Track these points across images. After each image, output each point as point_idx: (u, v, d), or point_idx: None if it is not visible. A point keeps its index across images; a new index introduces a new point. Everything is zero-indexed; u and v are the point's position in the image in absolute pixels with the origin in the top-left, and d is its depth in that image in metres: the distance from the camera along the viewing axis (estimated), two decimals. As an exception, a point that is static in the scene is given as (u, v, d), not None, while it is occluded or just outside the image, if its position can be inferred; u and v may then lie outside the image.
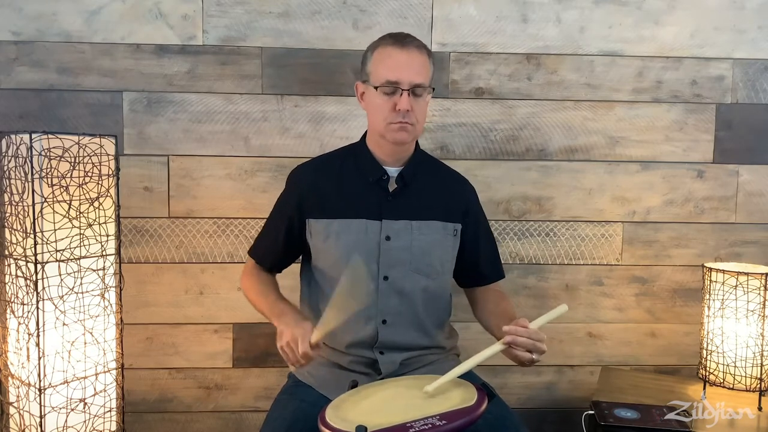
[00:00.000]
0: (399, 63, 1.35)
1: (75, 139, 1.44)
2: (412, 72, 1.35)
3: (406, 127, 1.37)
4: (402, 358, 1.42)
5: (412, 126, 1.37)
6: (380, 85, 1.35)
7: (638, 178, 1.94)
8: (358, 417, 1.08)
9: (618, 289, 1.97)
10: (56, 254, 1.43)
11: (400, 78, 1.34)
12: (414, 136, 1.41)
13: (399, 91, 1.34)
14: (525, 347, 1.20)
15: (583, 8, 1.88)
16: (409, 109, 1.35)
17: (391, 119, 1.36)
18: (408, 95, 1.34)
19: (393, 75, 1.34)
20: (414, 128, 1.38)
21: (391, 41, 1.37)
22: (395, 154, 1.44)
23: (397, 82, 1.34)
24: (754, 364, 1.69)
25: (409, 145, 1.45)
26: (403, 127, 1.36)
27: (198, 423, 1.91)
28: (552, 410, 1.99)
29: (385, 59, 1.36)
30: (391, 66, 1.35)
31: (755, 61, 1.92)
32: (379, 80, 1.36)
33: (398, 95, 1.35)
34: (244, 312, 1.87)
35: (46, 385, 1.43)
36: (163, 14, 1.79)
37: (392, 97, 1.35)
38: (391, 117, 1.36)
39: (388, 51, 1.37)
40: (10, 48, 1.77)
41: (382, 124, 1.38)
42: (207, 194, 1.85)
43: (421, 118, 1.39)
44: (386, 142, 1.41)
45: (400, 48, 1.36)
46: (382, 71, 1.36)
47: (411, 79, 1.34)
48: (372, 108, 1.40)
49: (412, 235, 1.42)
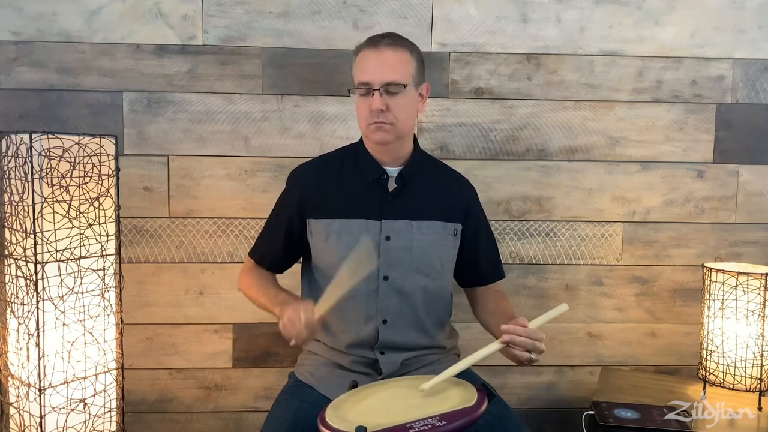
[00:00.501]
0: (370, 63, 1.37)
1: (75, 139, 1.44)
2: (382, 71, 1.35)
3: (383, 126, 1.37)
4: (402, 358, 1.42)
5: (390, 125, 1.37)
6: (356, 87, 1.38)
7: (638, 178, 1.94)
8: (358, 417, 1.08)
9: (618, 289, 1.97)
10: (56, 254, 1.42)
11: (370, 78, 1.35)
12: (396, 135, 1.39)
13: (371, 91, 1.36)
14: (523, 347, 1.20)
15: (583, 8, 1.88)
16: (383, 109, 1.35)
17: (369, 120, 1.37)
18: (380, 94, 1.35)
19: (364, 76, 1.36)
20: (394, 127, 1.38)
21: (366, 43, 1.40)
22: (390, 154, 1.44)
23: (368, 83, 1.36)
24: (754, 364, 1.69)
25: (405, 144, 1.45)
26: (380, 126, 1.37)
27: (198, 423, 1.91)
28: (552, 410, 1.99)
29: (360, 62, 1.39)
30: (363, 67, 1.37)
31: (755, 61, 1.92)
32: (355, 82, 1.39)
33: (371, 95, 1.36)
34: (244, 312, 1.87)
35: (46, 386, 1.43)
36: (163, 14, 1.79)
37: (368, 98, 1.37)
38: (369, 118, 1.37)
39: (362, 53, 1.39)
40: (10, 48, 1.77)
41: (363, 125, 1.40)
42: (207, 194, 1.85)
43: (402, 116, 1.38)
44: (371, 143, 1.43)
45: (372, 48, 1.37)
46: (357, 73, 1.39)
47: (382, 78, 1.35)
48: (357, 110, 1.42)
49: (412, 235, 1.42)
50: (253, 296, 1.49)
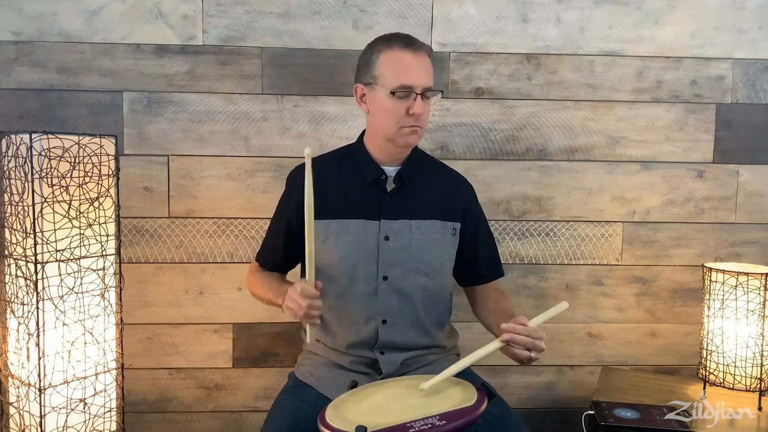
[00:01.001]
0: (412, 67, 1.35)
1: (75, 139, 1.44)
2: (425, 76, 1.36)
3: (417, 130, 1.38)
4: (402, 358, 1.42)
5: (421, 129, 1.39)
6: (395, 90, 1.34)
7: (638, 178, 1.94)
8: (358, 417, 1.08)
9: (618, 289, 1.97)
10: (56, 254, 1.43)
11: (414, 82, 1.34)
12: (421, 137, 1.43)
13: (412, 95, 1.34)
14: (523, 345, 1.21)
15: (583, 8, 1.88)
16: (422, 113, 1.36)
17: (404, 123, 1.36)
18: (422, 99, 1.35)
19: (407, 79, 1.34)
20: (422, 131, 1.40)
21: (400, 44, 1.36)
22: (395, 155, 1.44)
23: (411, 87, 1.34)
24: (754, 364, 1.69)
25: None
26: (415, 130, 1.38)
27: (198, 423, 1.91)
28: (552, 410, 1.99)
29: (397, 63, 1.35)
30: (404, 70, 1.35)
31: (755, 61, 1.92)
32: (393, 84, 1.35)
33: (411, 99, 1.35)
34: (244, 312, 1.87)
35: (46, 385, 1.43)
36: (163, 14, 1.79)
37: (405, 101, 1.35)
38: (404, 121, 1.36)
39: (398, 54, 1.36)
40: (10, 48, 1.77)
41: (393, 128, 1.37)
42: (207, 194, 1.85)
43: (427, 120, 1.42)
44: (392, 145, 1.41)
45: (412, 52, 1.36)
46: (396, 75, 1.35)
47: (423, 83, 1.36)
48: (381, 112, 1.39)
49: (411, 235, 1.42)
50: (259, 293, 1.50)
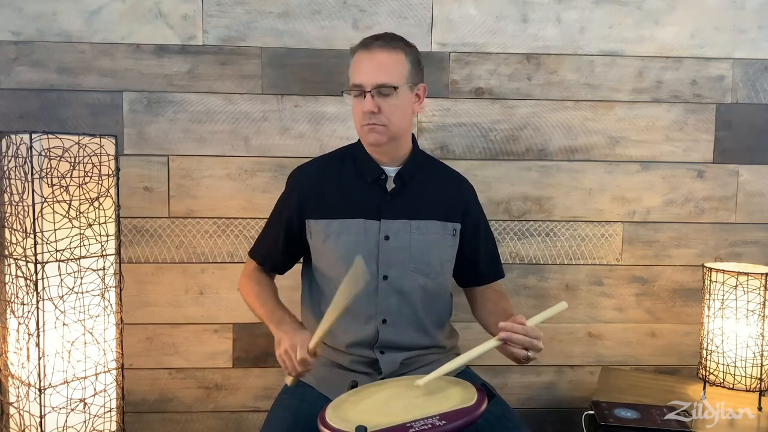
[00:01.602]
0: (362, 65, 1.37)
1: (75, 139, 1.44)
2: (374, 73, 1.35)
3: (375, 128, 1.37)
4: (402, 357, 1.42)
5: (383, 127, 1.37)
6: (349, 89, 1.39)
7: (638, 178, 1.94)
8: (358, 417, 1.08)
9: (618, 289, 1.97)
10: (56, 254, 1.43)
11: (362, 80, 1.36)
12: (389, 136, 1.39)
13: (362, 93, 1.36)
14: (521, 344, 1.20)
15: (583, 8, 1.88)
16: (375, 111, 1.35)
17: (363, 122, 1.38)
18: (372, 96, 1.35)
19: (357, 78, 1.37)
20: (387, 129, 1.38)
21: (359, 44, 1.40)
22: (388, 155, 1.44)
23: (360, 85, 1.36)
24: (754, 364, 1.69)
25: (402, 144, 1.45)
26: (372, 128, 1.37)
27: (198, 423, 1.91)
28: (552, 410, 1.99)
29: (354, 63, 1.40)
30: (356, 69, 1.38)
31: (755, 61, 1.92)
32: (349, 84, 1.39)
33: (362, 97, 1.36)
34: (244, 312, 1.87)
35: (46, 385, 1.43)
36: (163, 14, 1.79)
37: (361, 99, 1.37)
38: (363, 119, 1.38)
39: (356, 55, 1.40)
40: (10, 48, 1.77)
41: (357, 127, 1.41)
42: (207, 194, 1.85)
43: (394, 117, 1.38)
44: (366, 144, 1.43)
45: (365, 50, 1.38)
46: (351, 75, 1.40)
47: (373, 80, 1.35)
48: (352, 111, 1.43)
49: (411, 235, 1.42)
50: (251, 303, 1.48)
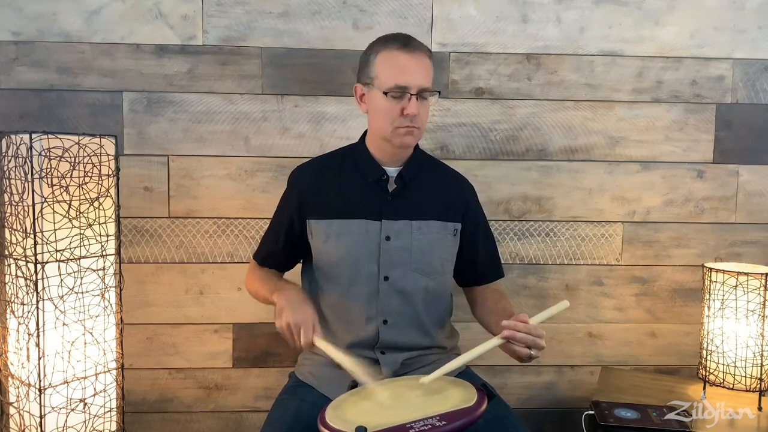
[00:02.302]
0: (407, 67, 1.34)
1: (75, 139, 1.44)
2: (419, 76, 1.35)
3: (413, 131, 1.37)
4: (403, 358, 1.42)
5: (418, 129, 1.38)
6: (389, 90, 1.34)
7: (638, 178, 1.94)
8: (358, 417, 1.08)
9: (618, 289, 1.97)
10: (56, 254, 1.42)
11: (409, 82, 1.34)
12: (418, 138, 1.42)
13: (407, 95, 1.34)
14: (524, 343, 1.20)
15: (583, 8, 1.88)
16: (417, 114, 1.35)
17: (399, 123, 1.36)
18: (416, 99, 1.34)
19: (402, 79, 1.34)
20: (419, 132, 1.39)
21: (397, 44, 1.36)
22: (396, 156, 1.44)
23: (406, 87, 1.34)
24: (754, 364, 1.69)
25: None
26: (410, 131, 1.37)
27: (198, 423, 1.91)
28: (552, 410, 1.99)
29: (393, 63, 1.35)
30: (399, 70, 1.34)
31: (755, 61, 1.92)
32: (387, 85, 1.35)
33: (406, 99, 1.34)
34: (244, 312, 1.87)
35: (46, 385, 1.43)
36: (163, 14, 1.79)
37: (400, 101, 1.34)
38: (399, 121, 1.36)
39: (394, 55, 1.35)
40: (10, 48, 1.77)
41: (388, 128, 1.37)
42: (207, 194, 1.85)
43: (425, 121, 1.40)
44: (390, 146, 1.41)
45: (408, 52, 1.35)
46: (391, 76, 1.35)
47: (419, 83, 1.34)
48: (377, 112, 1.39)
49: (412, 235, 1.42)
50: (256, 290, 1.50)
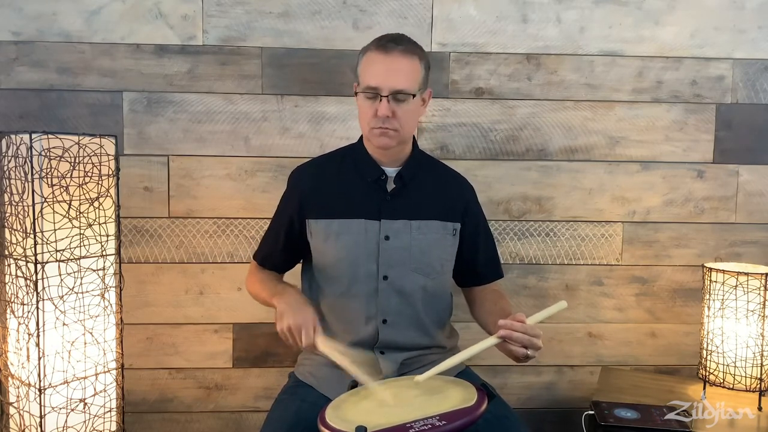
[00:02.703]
0: (380, 69, 1.35)
1: (75, 139, 1.44)
2: (392, 78, 1.34)
3: (387, 132, 1.37)
4: (402, 357, 1.42)
5: (394, 131, 1.37)
6: (362, 91, 1.37)
7: (638, 178, 1.94)
8: (358, 417, 1.08)
9: (618, 289, 1.97)
10: (56, 254, 1.42)
11: (379, 84, 1.34)
12: (399, 140, 1.40)
13: (379, 96, 1.35)
14: (520, 342, 1.20)
15: (583, 8, 1.88)
16: (389, 115, 1.34)
17: (373, 124, 1.37)
18: (388, 101, 1.34)
19: (373, 81, 1.35)
20: (398, 133, 1.38)
21: (375, 45, 1.38)
22: (390, 156, 1.44)
23: (377, 88, 1.35)
24: (754, 364, 1.69)
25: (405, 146, 1.45)
26: (384, 132, 1.37)
27: (198, 423, 1.91)
28: (552, 410, 1.99)
29: (369, 64, 1.37)
30: (372, 72, 1.36)
31: (755, 61, 1.92)
32: (362, 85, 1.38)
33: (378, 101, 1.35)
34: (244, 312, 1.87)
35: (46, 385, 1.43)
36: (163, 14, 1.79)
37: (374, 102, 1.36)
38: (373, 122, 1.37)
39: (372, 56, 1.37)
40: (10, 48, 1.77)
41: (366, 128, 1.40)
42: (207, 194, 1.85)
43: (406, 123, 1.38)
44: (372, 146, 1.43)
45: (382, 53, 1.36)
46: (365, 76, 1.37)
47: (391, 85, 1.34)
48: (359, 111, 1.42)
49: (411, 235, 1.42)
50: (257, 291, 1.50)
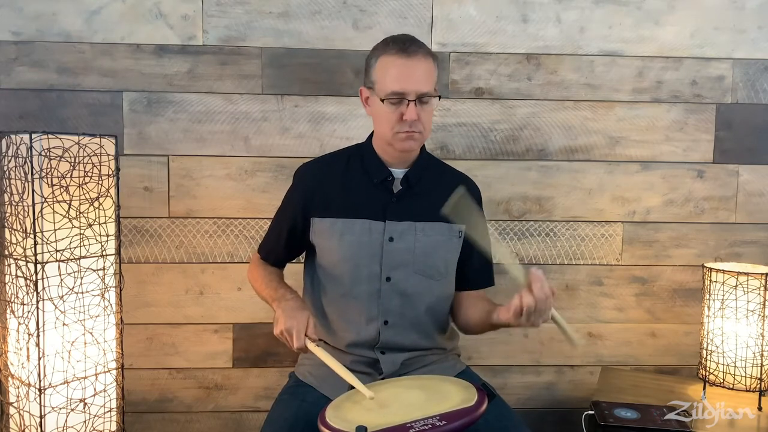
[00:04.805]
0: (404, 73, 1.32)
1: (75, 139, 1.44)
2: (417, 81, 1.33)
3: (414, 135, 1.36)
4: (403, 358, 1.42)
5: (419, 134, 1.37)
6: (386, 97, 1.34)
7: (638, 178, 1.94)
8: (358, 417, 1.08)
9: (618, 289, 1.97)
10: (56, 254, 1.42)
11: (405, 89, 1.32)
12: (421, 142, 1.41)
13: (405, 101, 1.33)
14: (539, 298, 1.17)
15: (583, 8, 1.88)
16: (416, 119, 1.34)
17: (399, 129, 1.35)
18: (415, 105, 1.33)
19: (398, 86, 1.32)
20: (422, 136, 1.38)
21: (395, 49, 1.34)
22: (401, 158, 1.44)
23: (403, 93, 1.32)
24: (754, 364, 1.69)
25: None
26: (411, 135, 1.36)
27: (198, 423, 1.91)
28: (552, 410, 1.99)
29: (390, 69, 1.34)
30: (396, 76, 1.33)
31: (755, 61, 1.92)
32: (385, 91, 1.34)
33: (405, 105, 1.33)
34: (244, 312, 1.87)
35: (46, 385, 1.43)
36: (163, 14, 1.79)
37: (399, 107, 1.34)
38: (399, 127, 1.35)
39: (392, 60, 1.34)
40: (10, 48, 1.77)
41: (389, 133, 1.37)
42: (207, 194, 1.85)
43: (428, 125, 1.38)
44: (393, 149, 1.41)
45: (405, 57, 1.33)
46: (388, 82, 1.34)
47: (417, 88, 1.32)
48: (379, 117, 1.39)
49: (415, 237, 1.42)
50: (258, 288, 1.50)
